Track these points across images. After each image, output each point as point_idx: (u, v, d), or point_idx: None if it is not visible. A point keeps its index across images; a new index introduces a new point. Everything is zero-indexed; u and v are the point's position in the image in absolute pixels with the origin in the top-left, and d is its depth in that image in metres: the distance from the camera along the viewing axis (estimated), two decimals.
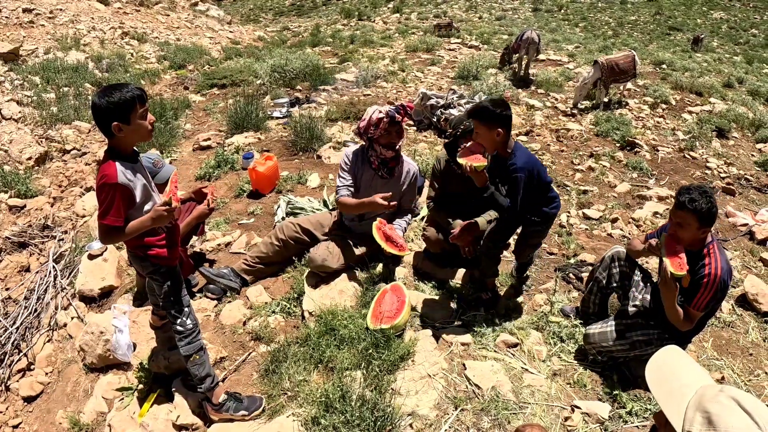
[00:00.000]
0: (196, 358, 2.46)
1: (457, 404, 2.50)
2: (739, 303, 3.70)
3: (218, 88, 9.48)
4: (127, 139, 2.14)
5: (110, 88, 2.05)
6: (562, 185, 5.72)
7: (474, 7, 26.44)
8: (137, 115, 2.08)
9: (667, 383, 1.38)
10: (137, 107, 2.07)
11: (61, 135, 7.04)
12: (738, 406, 1.19)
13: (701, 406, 1.24)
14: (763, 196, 6.04)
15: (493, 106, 2.60)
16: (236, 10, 35.70)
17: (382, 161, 3.35)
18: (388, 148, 3.28)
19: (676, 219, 2.45)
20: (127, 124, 2.06)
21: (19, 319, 3.76)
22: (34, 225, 5.02)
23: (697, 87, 10.19)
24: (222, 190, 5.17)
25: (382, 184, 3.41)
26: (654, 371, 1.44)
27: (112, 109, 2.02)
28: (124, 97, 2.02)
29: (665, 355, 1.48)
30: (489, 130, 2.62)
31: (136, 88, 2.09)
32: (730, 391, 1.24)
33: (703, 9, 26.58)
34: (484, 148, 2.70)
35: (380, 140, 3.25)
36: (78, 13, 14.07)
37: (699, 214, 2.34)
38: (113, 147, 2.14)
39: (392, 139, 3.25)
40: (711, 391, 1.27)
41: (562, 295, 3.64)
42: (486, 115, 2.61)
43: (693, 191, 2.38)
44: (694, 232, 2.41)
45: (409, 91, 8.87)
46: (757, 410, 1.19)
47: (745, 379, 2.98)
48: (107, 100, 2.01)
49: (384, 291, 3.08)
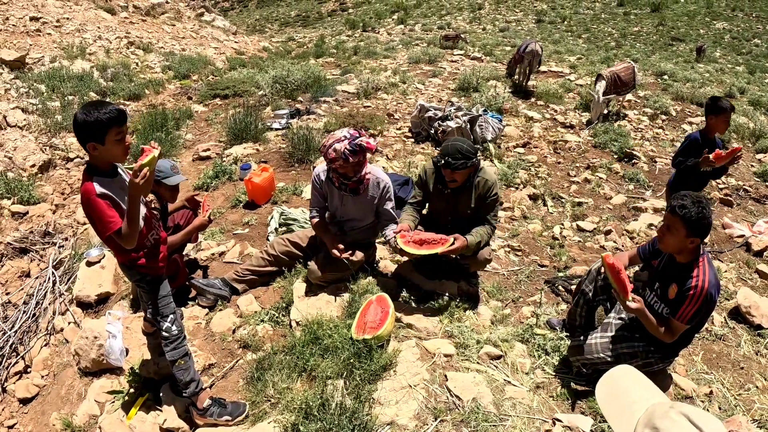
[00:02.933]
0: (181, 363, 2.52)
1: (436, 415, 2.52)
2: (732, 315, 3.69)
3: (221, 98, 9.59)
4: (101, 158, 2.16)
5: (91, 105, 2.07)
6: (557, 197, 5.75)
7: (478, 18, 26.59)
8: (113, 138, 2.09)
9: (617, 401, 1.37)
10: (114, 129, 2.07)
11: (64, 143, 7.16)
12: (688, 421, 1.19)
13: (650, 423, 1.23)
14: (762, 207, 6.03)
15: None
16: (242, 21, 36.11)
17: (343, 183, 3.36)
18: (346, 178, 3.29)
19: (666, 221, 2.48)
20: (102, 144, 2.08)
21: (17, 323, 3.86)
22: (35, 231, 5.11)
23: (698, 97, 10.19)
24: (219, 201, 5.25)
25: (353, 200, 3.44)
26: (604, 389, 1.42)
27: (89, 128, 2.04)
28: (100, 118, 2.02)
29: (617, 374, 1.46)
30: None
31: (116, 109, 2.09)
32: (681, 407, 1.24)
33: (705, 19, 26.59)
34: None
35: (338, 170, 3.25)
36: (84, 22, 14.29)
37: (687, 222, 2.35)
38: (91, 163, 2.18)
39: (348, 172, 3.24)
40: (661, 408, 1.27)
41: (550, 307, 3.67)
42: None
43: (687, 198, 2.39)
44: (682, 239, 2.42)
45: (409, 103, 8.94)
46: (709, 425, 1.18)
47: (735, 393, 2.96)
48: (84, 119, 2.02)
49: (369, 302, 3.11)
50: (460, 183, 3.25)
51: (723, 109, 3.91)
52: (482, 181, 3.29)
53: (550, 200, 5.64)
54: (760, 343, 3.42)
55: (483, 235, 3.30)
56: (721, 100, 3.97)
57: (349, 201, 3.45)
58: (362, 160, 3.24)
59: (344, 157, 3.11)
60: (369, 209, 3.51)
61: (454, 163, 3.09)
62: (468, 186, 3.30)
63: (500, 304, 3.66)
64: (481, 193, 3.30)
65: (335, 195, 3.47)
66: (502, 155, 6.76)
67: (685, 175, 4.12)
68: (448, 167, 3.13)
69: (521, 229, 4.88)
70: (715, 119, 3.98)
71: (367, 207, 3.49)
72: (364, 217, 3.55)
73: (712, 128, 4.03)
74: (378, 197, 3.44)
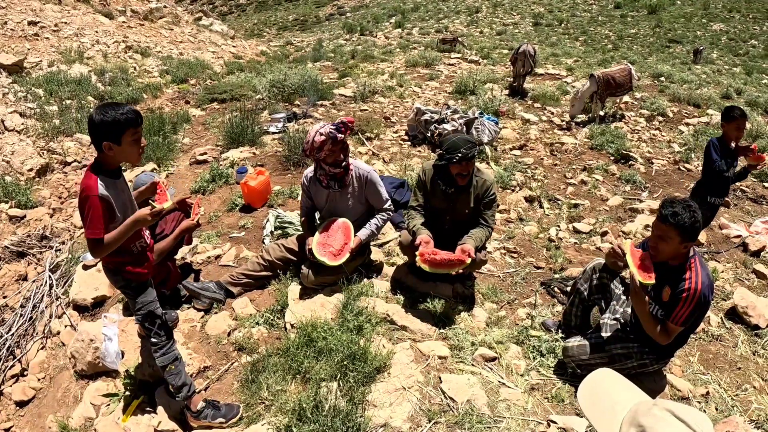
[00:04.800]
0: (171, 368, 2.54)
1: (430, 417, 2.53)
2: (729, 316, 3.70)
3: (218, 102, 9.59)
4: (116, 158, 2.20)
5: (108, 105, 2.10)
6: (554, 199, 5.77)
7: (475, 22, 26.65)
8: (129, 139, 2.13)
9: (600, 403, 1.37)
10: (130, 130, 2.11)
11: (62, 147, 7.17)
12: (673, 416, 1.19)
13: (635, 421, 1.23)
14: (759, 207, 6.06)
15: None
16: (240, 25, 36.19)
17: (332, 176, 3.41)
18: (336, 166, 3.33)
19: (658, 232, 2.44)
20: (118, 145, 2.12)
21: (14, 326, 3.86)
22: (32, 235, 5.12)
23: (694, 99, 10.26)
24: (215, 204, 5.26)
25: (340, 195, 3.53)
26: (586, 393, 1.41)
27: (105, 128, 2.07)
28: (118, 118, 2.07)
29: (598, 377, 1.46)
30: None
31: (132, 111, 2.13)
32: (664, 404, 1.25)
33: (702, 21, 26.67)
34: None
35: (327, 160, 3.29)
36: (82, 26, 14.31)
37: (681, 229, 2.33)
38: (99, 161, 2.20)
39: (337, 158, 3.30)
40: (644, 406, 1.27)
41: (545, 309, 3.68)
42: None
43: (677, 204, 2.36)
44: (676, 246, 2.40)
45: (405, 106, 8.96)
46: (694, 418, 1.19)
47: (732, 393, 2.97)
48: (101, 118, 2.06)
49: (338, 223, 3.48)
50: (469, 176, 3.29)
51: (733, 117, 4.01)
52: (480, 180, 3.35)
53: (546, 202, 5.66)
54: (757, 343, 3.43)
55: (482, 239, 3.34)
56: (734, 108, 4.08)
57: (336, 197, 3.53)
58: (347, 144, 3.32)
59: (332, 137, 3.18)
60: (356, 203, 3.57)
61: (468, 153, 3.12)
62: (467, 186, 3.34)
63: (495, 306, 3.67)
64: (480, 193, 3.36)
65: (322, 195, 3.54)
66: (498, 158, 6.78)
67: (715, 180, 4.19)
68: (464, 159, 3.13)
69: (517, 231, 4.89)
70: (726, 126, 4.08)
71: (355, 200, 3.56)
72: (352, 214, 3.60)
73: (727, 135, 4.12)
74: (364, 186, 3.52)
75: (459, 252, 3.16)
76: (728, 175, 4.07)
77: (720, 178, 4.13)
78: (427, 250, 3.18)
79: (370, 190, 3.53)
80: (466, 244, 3.19)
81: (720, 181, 4.16)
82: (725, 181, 4.20)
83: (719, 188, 4.25)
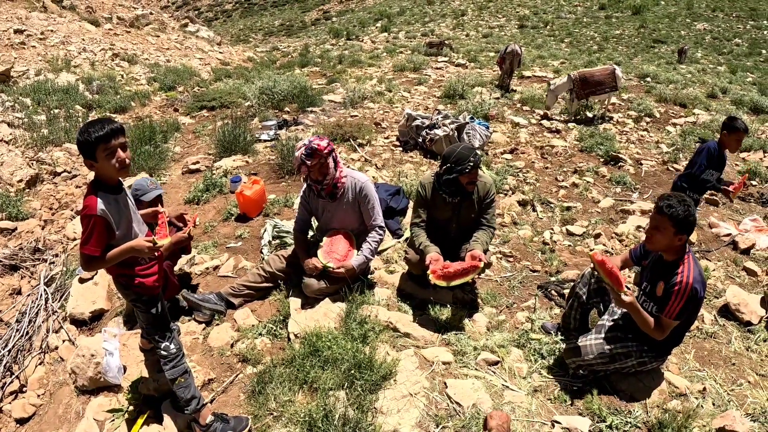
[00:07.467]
0: (181, 381, 2.53)
1: (438, 422, 2.56)
2: (722, 313, 3.77)
3: (207, 110, 9.56)
4: (102, 174, 2.22)
5: (88, 124, 2.14)
6: (546, 202, 5.83)
7: (461, 25, 26.84)
8: (102, 155, 2.13)
9: None
10: (101, 146, 2.11)
11: (51, 157, 7.08)
12: None
13: None
14: (747, 205, 6.16)
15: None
16: (226, 31, 36.09)
17: (321, 190, 3.49)
18: (318, 183, 3.44)
19: (654, 222, 2.58)
20: (95, 162, 2.15)
21: (11, 341, 3.80)
22: (25, 248, 5.04)
23: (681, 99, 10.42)
24: (210, 214, 5.24)
25: (335, 206, 3.60)
26: None
27: (81, 148, 2.13)
28: (86, 138, 2.10)
29: None
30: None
31: (105, 127, 2.12)
32: None
33: (686, 21, 27.11)
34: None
35: (310, 176, 3.42)
36: (69, 34, 14.19)
37: (675, 220, 2.47)
38: (98, 178, 2.23)
39: (317, 176, 3.39)
40: None
41: (544, 312, 3.72)
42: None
43: (672, 198, 2.52)
44: (671, 237, 2.53)
45: (396, 112, 8.99)
46: None
47: (728, 389, 3.03)
48: (77, 138, 2.13)
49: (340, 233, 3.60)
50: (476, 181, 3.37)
51: (736, 129, 4.08)
52: (481, 184, 3.44)
53: (539, 205, 5.71)
54: (750, 339, 3.50)
55: (486, 241, 3.42)
56: (738, 120, 4.14)
57: (331, 208, 3.61)
58: (324, 162, 3.34)
59: (302, 161, 3.28)
60: (352, 213, 3.62)
61: (476, 161, 3.21)
62: (471, 192, 3.42)
63: (495, 310, 3.71)
64: (481, 196, 3.45)
65: (318, 204, 3.63)
66: (489, 162, 6.83)
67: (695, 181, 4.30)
68: (474, 168, 3.21)
69: (512, 236, 4.94)
70: (727, 137, 4.14)
71: (349, 211, 3.61)
72: (348, 224, 3.66)
73: (724, 144, 4.19)
74: (358, 198, 3.56)
75: (469, 259, 3.21)
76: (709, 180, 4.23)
77: (701, 181, 4.25)
78: (438, 266, 3.22)
79: (362, 202, 3.58)
80: (474, 250, 3.24)
81: (700, 182, 4.28)
82: (704, 183, 4.29)
83: (698, 187, 4.36)
